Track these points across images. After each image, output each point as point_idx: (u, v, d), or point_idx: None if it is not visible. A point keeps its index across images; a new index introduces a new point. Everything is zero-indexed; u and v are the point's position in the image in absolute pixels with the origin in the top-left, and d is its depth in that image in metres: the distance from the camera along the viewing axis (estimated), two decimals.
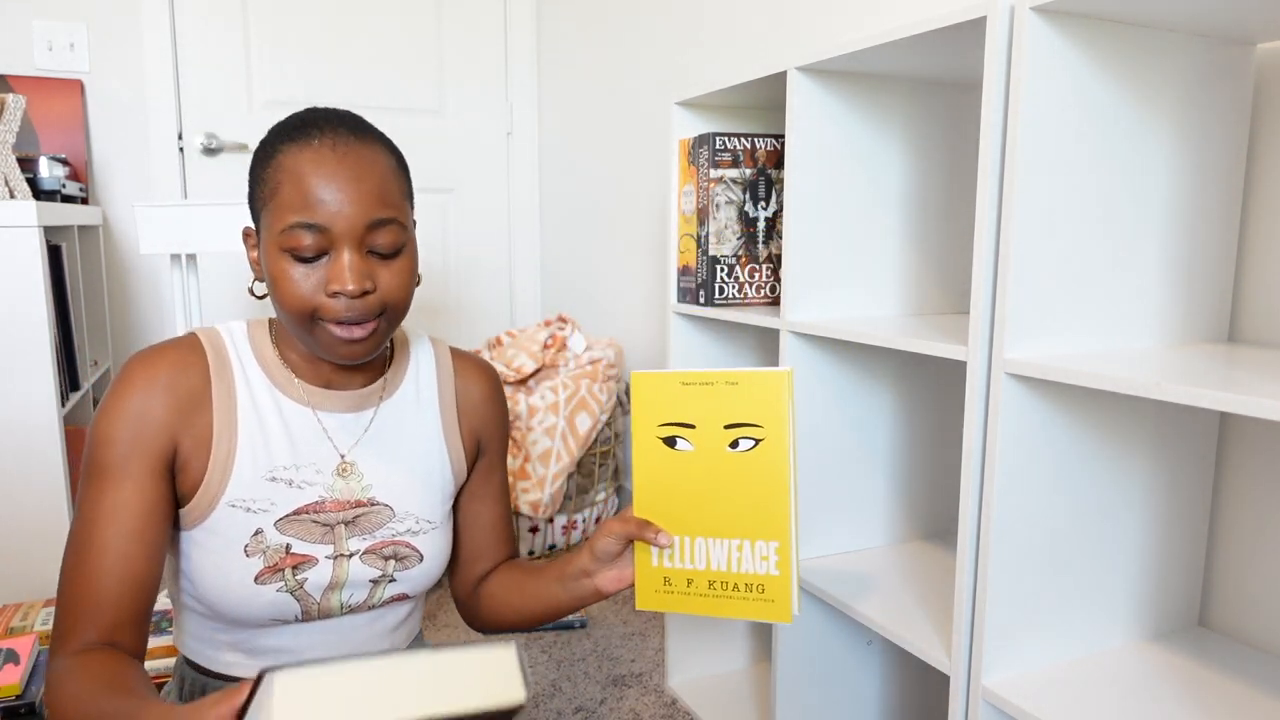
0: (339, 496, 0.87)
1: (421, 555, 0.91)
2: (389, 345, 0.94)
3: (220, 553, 0.83)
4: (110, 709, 0.73)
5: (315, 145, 0.78)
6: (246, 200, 0.86)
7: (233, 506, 0.83)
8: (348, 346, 0.81)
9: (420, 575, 0.92)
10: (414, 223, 0.84)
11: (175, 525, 0.86)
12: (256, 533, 0.84)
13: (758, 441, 0.83)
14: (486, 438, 1.00)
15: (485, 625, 1.03)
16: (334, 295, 0.78)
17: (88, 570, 0.79)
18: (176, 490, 0.83)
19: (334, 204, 0.77)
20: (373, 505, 0.89)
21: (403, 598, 0.92)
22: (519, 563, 1.03)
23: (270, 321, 0.90)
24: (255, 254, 0.85)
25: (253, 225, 0.84)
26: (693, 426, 0.85)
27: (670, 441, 0.86)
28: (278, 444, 0.85)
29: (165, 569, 0.88)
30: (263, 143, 0.82)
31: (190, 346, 0.84)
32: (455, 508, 1.00)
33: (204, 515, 0.83)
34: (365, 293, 0.79)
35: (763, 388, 0.83)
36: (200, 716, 0.63)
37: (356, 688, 0.58)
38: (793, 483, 0.83)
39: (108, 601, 0.79)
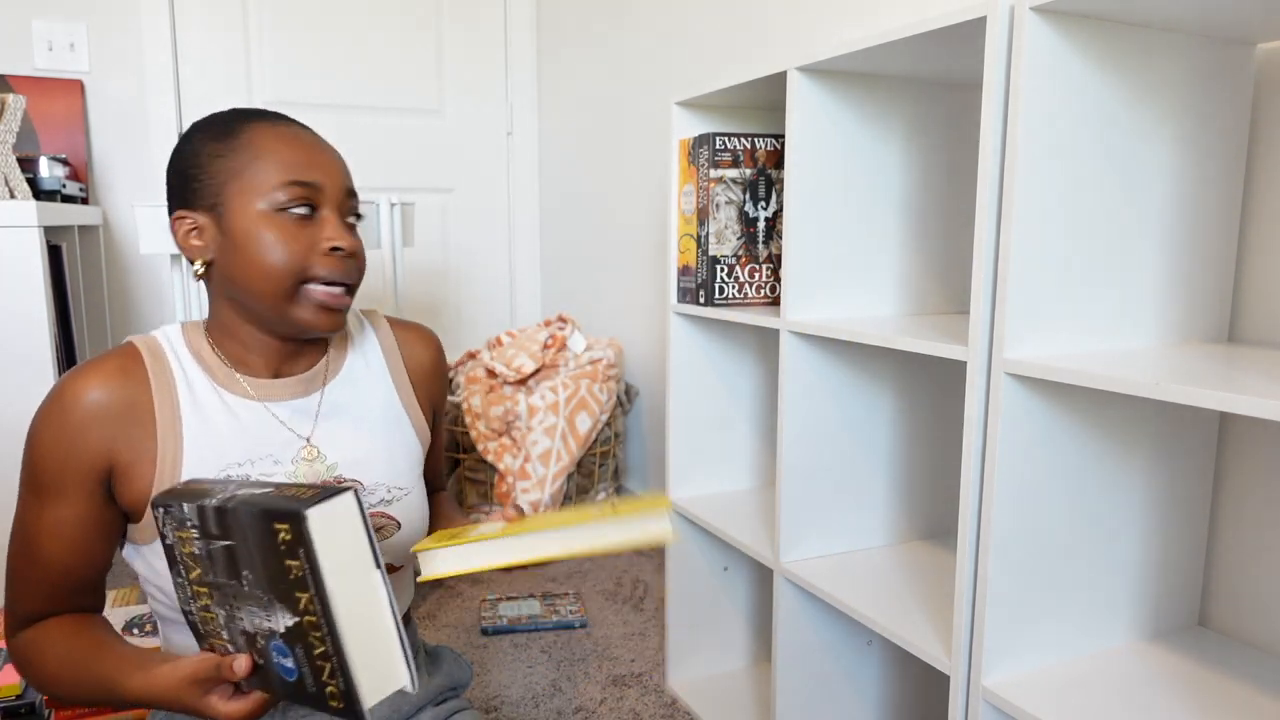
0: (303, 482, 0.87)
1: (399, 523, 0.91)
2: None
3: None
4: (88, 674, 0.79)
5: (282, 123, 0.84)
6: (184, 184, 0.83)
7: None
8: (330, 315, 0.83)
9: (402, 543, 0.92)
10: None
11: (122, 544, 0.86)
12: None
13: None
14: (436, 402, 1.04)
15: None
16: (329, 253, 0.82)
17: (35, 576, 0.82)
18: (124, 504, 0.83)
19: (323, 165, 0.83)
20: (340, 484, 0.89)
21: (390, 568, 0.93)
22: (443, 498, 1.10)
23: (205, 321, 0.89)
24: (194, 238, 0.84)
25: (187, 211, 0.83)
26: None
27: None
28: (228, 441, 0.85)
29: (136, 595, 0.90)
30: (215, 130, 0.83)
31: (127, 355, 0.83)
32: None
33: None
34: (354, 253, 0.84)
35: None
36: (192, 697, 0.71)
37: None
38: None
39: (58, 596, 0.84)
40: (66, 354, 2.03)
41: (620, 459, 2.37)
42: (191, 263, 0.85)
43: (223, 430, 0.85)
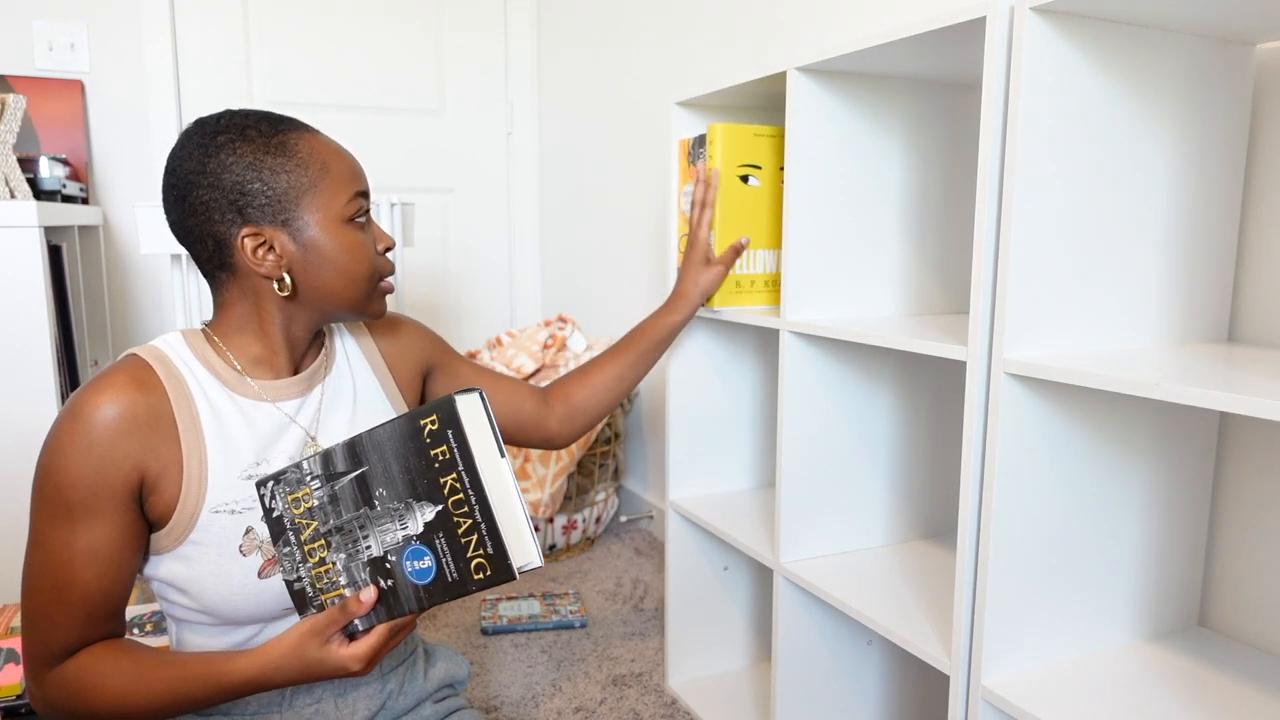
0: None
1: None
2: None
3: (215, 560, 0.83)
4: (165, 684, 0.78)
5: (319, 134, 0.88)
6: (240, 199, 0.82)
7: (216, 512, 0.84)
8: (386, 301, 0.95)
9: None
10: None
11: (147, 553, 0.86)
12: (247, 531, 0.84)
13: None
14: (427, 355, 1.08)
15: (591, 414, 1.21)
16: (384, 253, 0.92)
17: (70, 606, 0.80)
18: (149, 514, 0.83)
19: (363, 174, 0.91)
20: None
21: None
22: (577, 369, 1.21)
23: (204, 331, 0.90)
24: (265, 252, 0.84)
25: (257, 227, 0.83)
26: (760, 167, 1.21)
27: (744, 179, 1.20)
28: (244, 443, 0.86)
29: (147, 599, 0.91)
30: (261, 143, 0.83)
31: (137, 367, 0.83)
32: None
33: (187, 528, 0.83)
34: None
35: None
36: (325, 659, 0.76)
37: None
38: None
39: (95, 623, 0.82)
40: (67, 354, 2.02)
41: (620, 459, 2.37)
42: (239, 276, 0.87)
43: (239, 433, 0.86)
